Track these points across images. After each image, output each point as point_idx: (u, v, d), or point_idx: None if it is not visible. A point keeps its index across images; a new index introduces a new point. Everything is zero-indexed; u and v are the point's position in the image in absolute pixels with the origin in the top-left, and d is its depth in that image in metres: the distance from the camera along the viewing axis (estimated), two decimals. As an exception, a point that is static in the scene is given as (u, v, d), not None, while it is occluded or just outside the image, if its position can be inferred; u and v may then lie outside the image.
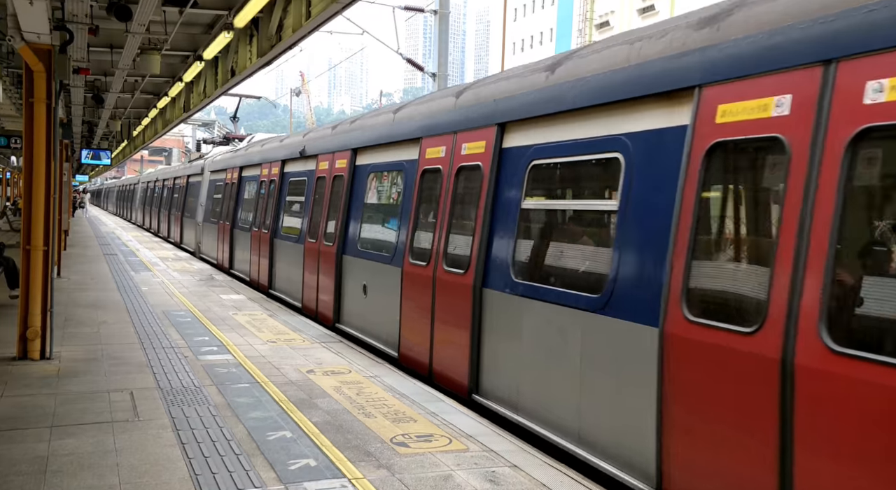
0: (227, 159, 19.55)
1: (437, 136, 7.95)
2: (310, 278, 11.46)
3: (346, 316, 10.25)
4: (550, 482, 4.82)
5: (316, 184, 11.56)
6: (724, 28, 4.52)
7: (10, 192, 47.03)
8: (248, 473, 4.81)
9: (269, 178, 14.48)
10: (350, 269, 10.02)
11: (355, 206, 9.99)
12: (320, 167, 11.38)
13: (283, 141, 14.40)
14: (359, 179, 10.01)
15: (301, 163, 12.71)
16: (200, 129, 64.67)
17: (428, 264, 7.69)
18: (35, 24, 7.27)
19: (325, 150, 11.31)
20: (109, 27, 10.77)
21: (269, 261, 13.96)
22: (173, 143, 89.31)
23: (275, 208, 13.80)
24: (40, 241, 7.88)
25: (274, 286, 13.76)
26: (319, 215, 11.25)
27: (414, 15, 22.55)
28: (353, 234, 9.96)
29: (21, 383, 6.90)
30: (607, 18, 62.94)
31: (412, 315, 8.04)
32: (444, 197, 7.63)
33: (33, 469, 4.78)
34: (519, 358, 6.19)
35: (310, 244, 11.35)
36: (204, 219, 21.52)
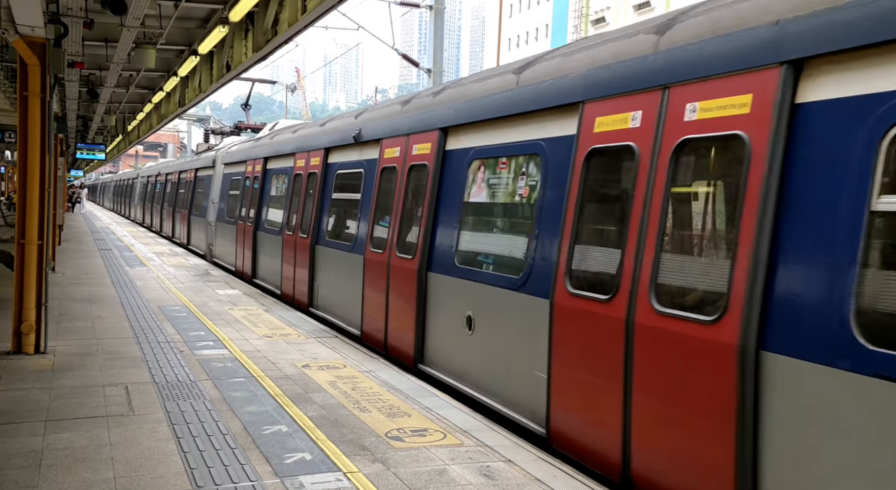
0: (246, 150, 16.85)
1: None
2: (375, 300, 9.02)
3: (431, 353, 7.84)
4: (544, 477, 4.84)
5: (380, 177, 9.28)
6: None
7: (5, 187, 46.89)
8: (244, 467, 4.81)
9: (306, 171, 12.12)
10: (444, 292, 7.55)
11: (447, 205, 7.68)
12: (387, 155, 9.13)
13: (325, 125, 12.04)
14: (452, 169, 7.70)
15: (355, 150, 10.38)
16: (195, 124, 64.63)
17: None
18: (29, 17, 7.25)
19: (393, 131, 9.06)
20: (104, 21, 10.74)
21: (310, 272, 11.55)
22: (168, 138, 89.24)
23: (316, 208, 11.39)
24: (35, 235, 7.86)
25: (316, 304, 11.40)
26: (387, 219, 8.97)
27: (409, 11, 22.54)
28: (445, 244, 7.61)
29: (15, 377, 6.89)
30: (603, 14, 62.94)
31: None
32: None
33: (28, 463, 4.77)
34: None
35: (373, 256, 9.08)
36: (217, 218, 18.88)
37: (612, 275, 5.21)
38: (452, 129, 7.72)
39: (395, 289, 8.47)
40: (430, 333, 7.80)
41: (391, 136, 9.05)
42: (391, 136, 9.06)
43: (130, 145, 38.43)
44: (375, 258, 8.99)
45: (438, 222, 7.75)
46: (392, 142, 9.00)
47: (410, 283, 8.02)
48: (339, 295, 10.35)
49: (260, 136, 17.39)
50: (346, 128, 10.64)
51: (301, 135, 12.99)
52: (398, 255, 8.37)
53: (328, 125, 11.81)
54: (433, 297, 7.72)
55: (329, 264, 10.82)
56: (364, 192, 9.74)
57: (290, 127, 15.86)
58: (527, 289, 6.08)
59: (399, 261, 8.34)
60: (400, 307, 8.33)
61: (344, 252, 10.15)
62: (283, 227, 12.93)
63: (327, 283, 10.90)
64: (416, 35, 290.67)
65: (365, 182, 9.76)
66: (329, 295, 10.83)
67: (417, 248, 7.95)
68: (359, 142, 9.98)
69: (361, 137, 9.87)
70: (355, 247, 9.74)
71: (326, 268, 10.93)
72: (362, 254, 9.41)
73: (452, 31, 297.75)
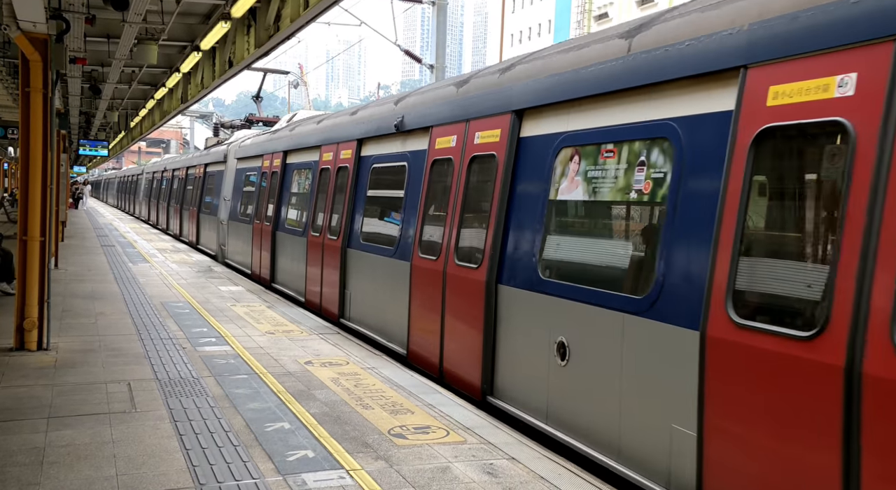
0: (262, 143, 15.67)
1: None
2: (426, 315, 7.80)
3: (504, 384, 6.51)
4: (549, 475, 4.82)
5: (430, 170, 8.04)
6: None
7: (8, 183, 46.94)
8: (246, 465, 4.80)
9: (334, 165, 10.96)
10: (523, 311, 6.22)
11: (525, 204, 6.37)
12: (439, 145, 7.87)
13: (357, 113, 10.73)
14: (531, 160, 6.38)
15: (396, 141, 9.13)
16: (198, 120, 64.61)
17: None
18: (31, 13, 7.23)
19: (448, 117, 7.78)
20: (106, 17, 10.71)
21: (341, 279, 10.24)
22: (171, 134, 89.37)
23: (348, 207, 10.17)
24: (37, 231, 7.85)
25: (348, 315, 10.16)
26: (441, 220, 7.71)
27: (412, 6, 22.48)
28: (524, 252, 6.28)
29: (18, 374, 6.88)
30: (606, 10, 62.78)
31: None
32: None
33: (30, 460, 4.76)
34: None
35: (424, 263, 7.80)
36: (230, 217, 17.61)
37: (815, 301, 3.81)
38: (530, 112, 6.41)
39: (453, 303, 7.16)
40: (502, 360, 6.44)
41: (445, 123, 7.75)
42: (445, 122, 7.76)
43: (133, 141, 38.47)
44: (426, 266, 7.69)
45: (512, 225, 6.45)
46: (446, 129, 7.72)
47: (476, 297, 6.73)
48: (378, 306, 9.12)
49: (277, 129, 16.07)
50: (385, 115, 9.37)
51: (327, 125, 11.70)
52: (457, 262, 7.13)
53: (361, 114, 10.48)
54: (507, 316, 6.41)
55: (364, 271, 9.53)
56: (409, 188, 8.46)
57: (312, 117, 14.71)
58: (658, 314, 4.74)
59: (459, 270, 7.08)
60: (461, 326, 7.02)
61: (383, 257, 8.87)
62: (307, 228, 11.71)
63: (362, 291, 9.63)
64: (418, 31, 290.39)
65: (410, 177, 8.48)
66: (364, 306, 9.57)
67: (484, 255, 6.68)
68: (401, 131, 8.77)
69: (405, 126, 8.66)
70: (398, 252, 8.47)
71: (361, 274, 9.66)
72: (408, 260, 8.13)
73: (455, 27, 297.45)
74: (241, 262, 16.49)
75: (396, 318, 8.54)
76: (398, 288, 8.43)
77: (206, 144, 25.42)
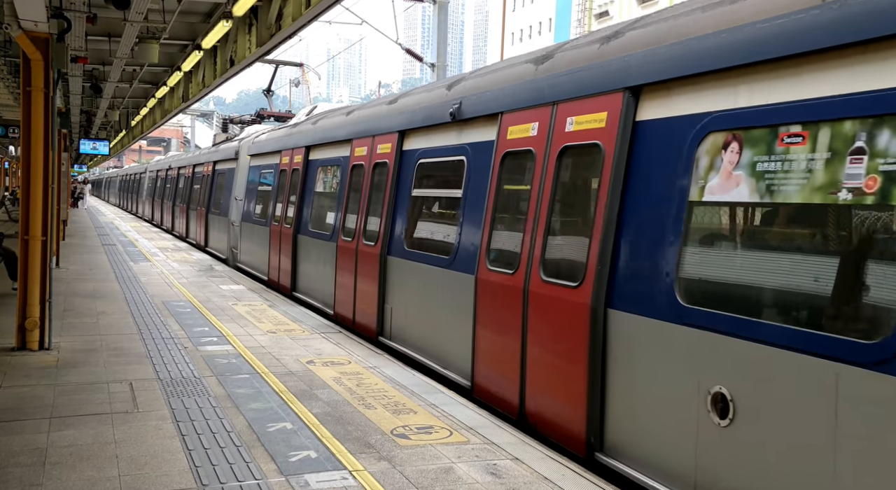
0: (280, 138, 14.33)
1: None
2: (500, 342, 6.41)
3: (620, 439, 5.15)
4: (552, 475, 4.81)
5: (500, 165, 6.73)
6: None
7: (9, 182, 46.95)
8: (249, 465, 4.78)
9: (369, 161, 9.68)
10: (653, 347, 4.82)
11: (645, 206, 5.02)
12: (513, 134, 6.54)
13: (397, 101, 9.40)
14: (655, 150, 5.03)
15: (450, 132, 7.81)
16: (199, 119, 64.60)
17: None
18: (32, 12, 7.21)
19: (527, 100, 6.40)
20: (107, 15, 10.70)
21: (380, 291, 8.93)
22: (172, 133, 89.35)
23: (388, 209, 8.88)
24: (38, 230, 7.84)
25: (389, 333, 8.79)
26: (518, 225, 6.41)
27: (413, 5, 22.47)
28: (649, 266, 4.88)
29: (20, 374, 6.87)
30: (606, 8, 62.73)
31: None
32: None
33: (32, 460, 4.75)
34: None
35: (495, 277, 6.47)
36: (243, 218, 16.37)
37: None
38: (654, 89, 5.06)
39: (541, 329, 5.83)
40: (617, 410, 5.08)
41: (521, 108, 6.44)
42: (520, 107, 6.45)
43: (134, 140, 38.45)
44: (499, 281, 6.39)
45: (629, 232, 5.09)
46: (522, 116, 6.41)
47: (575, 324, 5.40)
48: (428, 326, 7.87)
49: (297, 122, 14.78)
50: (435, 102, 8.13)
51: (360, 117, 10.45)
52: (544, 278, 5.81)
53: (403, 102, 9.20)
54: (624, 352, 5.04)
55: (410, 283, 8.28)
56: (469, 186, 7.22)
57: (337, 109, 13.54)
58: None
59: (548, 288, 5.74)
60: (553, 360, 5.68)
61: (436, 268, 7.63)
62: (336, 232, 10.52)
63: (407, 307, 8.38)
64: (419, 29, 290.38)
65: (470, 173, 7.25)
66: (410, 324, 8.29)
67: (587, 271, 5.33)
68: (458, 119, 7.53)
69: (463, 113, 7.46)
70: (457, 262, 7.23)
71: (405, 287, 8.39)
72: (471, 272, 6.89)
73: (456, 25, 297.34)
74: (255, 268, 15.24)
75: (455, 343, 7.24)
76: (457, 305, 7.16)
77: (215, 141, 24.38)
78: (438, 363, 7.63)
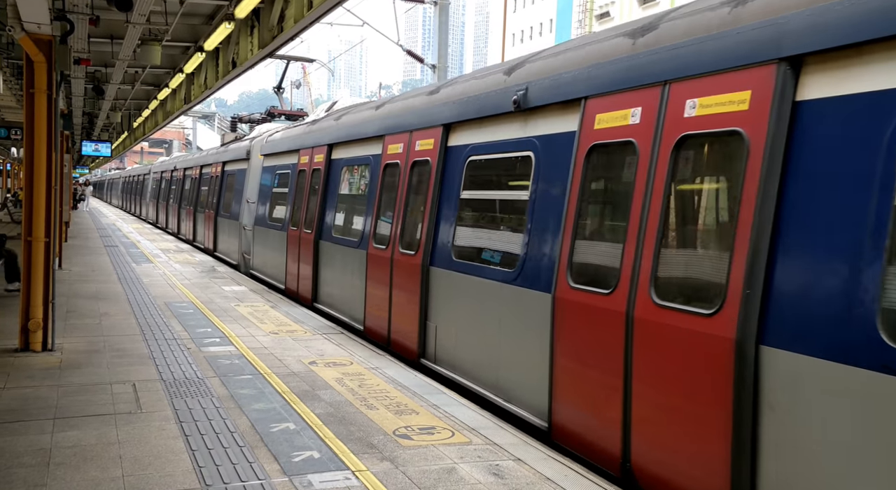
0: (298, 136, 13.34)
1: None
2: (586, 375, 5.33)
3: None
4: (555, 476, 4.82)
5: (585, 162, 5.60)
6: None
7: (11, 184, 47.02)
8: (252, 465, 4.80)
9: (406, 160, 8.69)
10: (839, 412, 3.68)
11: (814, 207, 3.96)
12: (602, 123, 5.47)
13: (439, 91, 8.32)
14: (834, 139, 3.96)
15: (513, 123, 6.72)
16: (201, 120, 64.64)
17: None
18: (35, 14, 7.24)
19: (620, 82, 5.34)
20: (110, 17, 10.75)
21: (422, 308, 7.88)
22: (174, 134, 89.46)
23: (431, 213, 7.86)
24: (41, 232, 7.86)
25: (434, 354, 7.74)
26: (616, 234, 5.28)
27: (414, 6, 22.51)
28: (817, 290, 3.84)
29: (23, 375, 6.89)
30: (608, 9, 62.74)
31: None
32: None
33: (36, 461, 4.77)
34: None
35: (578, 297, 5.40)
36: (256, 221, 15.41)
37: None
38: (823, 60, 3.98)
39: (654, 368, 4.69)
40: (772, 474, 3.97)
41: (614, 91, 5.36)
42: (613, 89, 5.36)
43: (136, 142, 38.51)
44: (589, 303, 5.27)
45: (793, 242, 3.97)
46: (616, 100, 5.34)
47: (708, 364, 4.28)
48: (485, 351, 6.77)
49: (315, 119, 13.75)
50: (489, 91, 7.10)
51: (393, 110, 9.44)
52: (658, 302, 4.65)
53: (446, 91, 8.10)
54: (783, 407, 3.93)
55: (460, 299, 7.24)
56: (540, 187, 6.15)
57: (364, 103, 12.47)
58: None
59: (666, 316, 4.60)
60: (674, 405, 4.52)
61: (496, 283, 6.59)
62: (365, 238, 9.55)
63: (456, 327, 7.34)
64: (420, 31, 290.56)
65: (540, 171, 6.19)
66: (461, 346, 7.24)
67: (729, 293, 4.21)
68: (523, 108, 6.45)
69: (530, 101, 6.36)
70: (524, 276, 6.14)
71: (454, 304, 7.36)
72: (548, 290, 5.79)
73: (456, 26, 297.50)
74: (270, 275, 14.27)
75: (523, 373, 6.15)
76: (526, 328, 6.10)
77: (223, 140, 23.45)
78: (499, 395, 6.49)
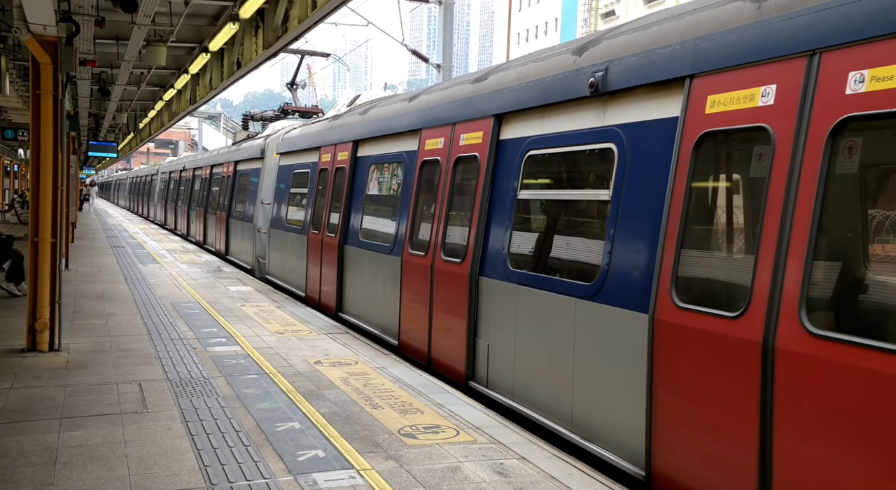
0: (318, 133, 12.41)
1: None
2: (696, 414, 4.42)
3: None
4: (559, 474, 4.82)
5: (693, 154, 4.66)
6: None
7: (18, 185, 47.20)
8: (257, 464, 4.82)
9: (448, 156, 7.79)
10: None
11: None
12: (714, 108, 4.55)
13: (487, 78, 7.34)
14: None
15: (586, 112, 5.78)
16: (207, 121, 64.78)
17: None
18: (41, 16, 7.27)
19: (743, 55, 4.40)
20: (115, 19, 10.79)
21: (470, 325, 7.04)
22: (179, 135, 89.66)
23: (479, 217, 7.00)
24: (48, 233, 7.90)
25: (486, 377, 6.86)
26: (745, 239, 4.63)
27: (418, 6, 22.49)
28: None
29: (30, 375, 6.92)
30: (612, 7, 62.64)
31: None
32: None
33: (43, 461, 4.80)
34: None
35: (688, 320, 4.49)
36: (272, 224, 14.60)
37: None
38: None
39: (808, 423, 3.71)
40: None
41: (734, 66, 4.39)
42: (734, 64, 4.39)
43: (142, 142, 38.59)
44: (708, 329, 4.31)
45: None
46: (737, 77, 4.38)
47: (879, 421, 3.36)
48: (553, 377, 5.82)
49: (337, 114, 12.83)
50: (555, 74, 6.09)
51: (431, 101, 8.45)
52: (813, 331, 3.71)
53: (496, 78, 7.16)
54: None
55: (521, 315, 6.27)
56: (626, 184, 5.22)
57: (393, 96, 11.59)
58: None
59: (818, 347, 3.67)
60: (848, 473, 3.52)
61: (569, 299, 5.61)
62: (399, 243, 8.67)
63: (513, 346, 6.41)
64: (425, 30, 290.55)
65: (627, 165, 5.24)
66: (522, 371, 6.31)
67: None
68: (602, 93, 5.49)
69: (611, 84, 5.39)
70: (607, 291, 5.23)
71: (512, 320, 6.41)
72: (644, 310, 4.83)
73: (461, 26, 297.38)
74: (289, 281, 13.40)
75: (608, 406, 5.20)
76: (612, 353, 5.16)
77: (235, 139, 22.61)
78: (575, 431, 5.56)
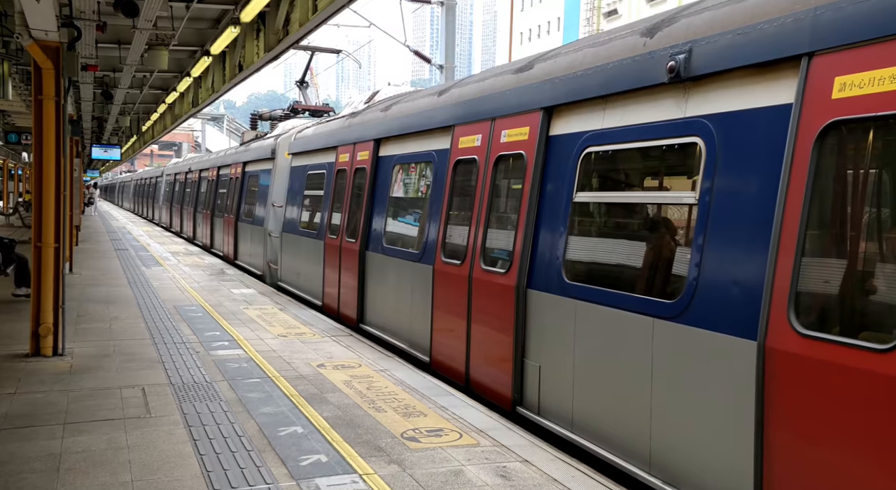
0: (334, 131, 11.80)
1: None
2: (827, 458, 3.63)
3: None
4: (562, 477, 4.82)
5: (815, 149, 3.84)
6: None
7: (22, 189, 47.29)
8: (260, 469, 4.82)
9: (485, 155, 7.13)
10: None
11: None
12: (843, 92, 3.72)
13: (532, 67, 6.66)
14: None
15: (657, 103, 5.08)
16: (210, 122, 64.88)
17: None
18: (43, 22, 7.28)
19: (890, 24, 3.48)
20: (117, 23, 10.79)
21: (517, 343, 6.30)
22: (183, 137, 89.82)
23: (528, 221, 6.27)
24: (51, 237, 7.91)
25: (536, 404, 6.16)
26: (879, 249, 3.81)
27: (421, 7, 22.51)
28: None
29: (34, 380, 6.94)
30: (615, 6, 62.55)
31: None
32: None
33: (47, 466, 4.80)
34: None
35: (819, 352, 3.64)
36: (284, 228, 13.93)
37: None
38: None
39: None
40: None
41: (874, 40, 3.59)
42: (872, 38, 3.60)
43: (145, 145, 38.63)
44: (832, 361, 3.59)
45: None
46: (882, 52, 3.55)
47: None
48: (625, 406, 5.08)
49: (355, 112, 12.12)
50: (621, 57, 5.38)
51: (465, 95, 7.74)
52: None
53: (542, 67, 6.48)
54: None
55: (582, 335, 5.55)
56: (716, 186, 4.49)
57: (418, 91, 10.99)
58: None
59: None
60: None
61: (645, 319, 4.86)
62: (430, 251, 7.99)
63: (571, 369, 5.68)
64: (427, 31, 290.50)
65: (716, 164, 4.51)
66: (583, 398, 5.55)
67: None
68: (683, 79, 4.74)
69: (695, 69, 4.68)
70: (696, 311, 4.47)
71: (570, 340, 5.68)
72: (751, 336, 4.06)
73: (464, 26, 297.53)
74: (304, 289, 12.72)
75: (710, 451, 4.35)
76: (705, 386, 4.39)
77: (243, 139, 21.81)
78: (656, 474, 4.76)
